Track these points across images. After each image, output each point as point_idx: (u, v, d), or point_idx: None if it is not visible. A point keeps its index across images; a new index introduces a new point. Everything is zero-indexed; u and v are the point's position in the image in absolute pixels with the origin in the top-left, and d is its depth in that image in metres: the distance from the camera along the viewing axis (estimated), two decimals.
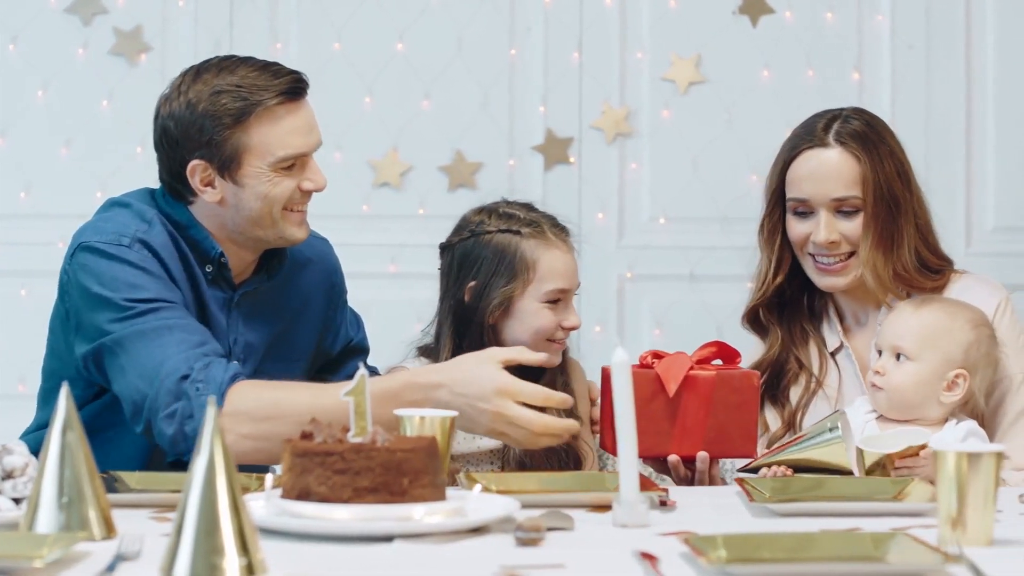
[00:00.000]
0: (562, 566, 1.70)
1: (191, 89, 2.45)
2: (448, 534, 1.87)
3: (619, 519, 1.97)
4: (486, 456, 2.60)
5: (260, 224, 2.47)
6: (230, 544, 1.64)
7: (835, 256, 2.61)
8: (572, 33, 4.01)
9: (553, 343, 2.59)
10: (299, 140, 2.45)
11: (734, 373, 2.46)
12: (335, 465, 1.90)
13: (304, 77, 2.50)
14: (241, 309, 2.56)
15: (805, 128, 2.67)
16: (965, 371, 2.47)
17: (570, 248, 2.61)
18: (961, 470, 1.85)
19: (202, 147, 2.43)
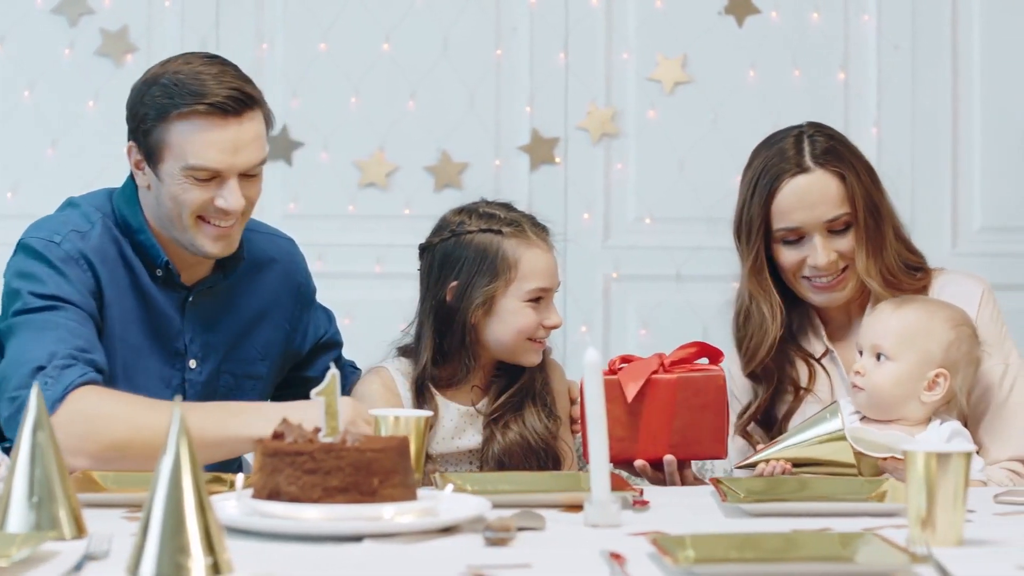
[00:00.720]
0: (529, 566, 1.71)
1: (149, 72, 2.50)
2: (418, 534, 1.87)
3: (590, 519, 1.97)
4: (465, 456, 2.60)
5: (175, 225, 2.47)
6: (196, 543, 1.64)
7: (833, 274, 2.60)
8: (558, 33, 4.01)
9: (534, 342, 2.59)
10: (216, 156, 2.41)
11: (697, 375, 2.46)
12: (305, 465, 1.90)
13: (248, 97, 2.45)
14: (197, 308, 2.56)
15: (777, 155, 2.61)
16: (945, 370, 2.47)
17: (550, 247, 2.61)
18: (930, 470, 1.85)
19: (134, 131, 2.48)
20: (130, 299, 2.50)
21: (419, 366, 2.58)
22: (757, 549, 1.77)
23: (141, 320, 2.51)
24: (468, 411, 2.60)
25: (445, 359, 2.59)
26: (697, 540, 1.77)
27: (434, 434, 2.57)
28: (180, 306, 2.55)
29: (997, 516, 2.09)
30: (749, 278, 2.65)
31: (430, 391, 2.59)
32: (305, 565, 1.73)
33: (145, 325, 2.51)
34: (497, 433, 2.58)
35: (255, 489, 1.94)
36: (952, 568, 1.68)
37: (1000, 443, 2.57)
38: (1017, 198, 4.08)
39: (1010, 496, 2.21)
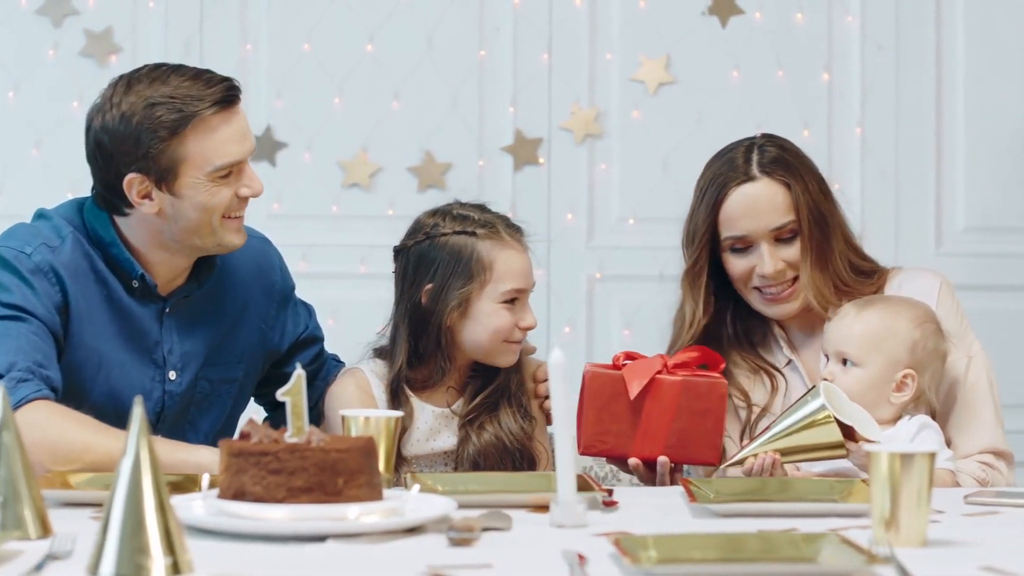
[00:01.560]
0: (490, 566, 1.71)
1: (124, 101, 2.43)
2: (382, 534, 1.87)
3: (556, 519, 1.97)
4: (440, 457, 2.60)
5: (199, 233, 2.47)
6: (156, 544, 1.65)
7: (782, 284, 2.61)
8: (541, 34, 4.02)
9: (510, 343, 2.59)
10: (235, 148, 2.44)
11: (701, 380, 2.46)
12: (270, 465, 1.90)
13: (237, 84, 2.48)
14: (175, 318, 2.55)
15: (726, 164, 2.62)
16: (913, 371, 2.46)
17: (525, 248, 2.61)
18: (894, 471, 1.85)
19: (138, 160, 2.41)
20: (104, 313, 2.49)
21: (394, 368, 2.58)
22: (719, 549, 1.77)
23: (118, 334, 2.50)
24: (443, 412, 2.60)
25: (420, 361, 2.59)
26: (659, 540, 1.77)
27: (409, 435, 2.57)
28: (158, 317, 2.54)
29: (966, 516, 2.09)
30: (683, 281, 2.68)
31: (405, 393, 2.59)
32: (268, 565, 1.73)
33: (123, 339, 2.50)
34: (472, 434, 2.59)
35: (221, 489, 1.94)
36: (913, 569, 1.68)
37: (969, 436, 2.57)
38: (1001, 198, 4.08)
39: (980, 496, 2.21)
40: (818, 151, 3.99)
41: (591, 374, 2.48)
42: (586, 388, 2.47)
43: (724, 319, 2.70)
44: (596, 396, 2.46)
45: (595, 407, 2.46)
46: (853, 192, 4.03)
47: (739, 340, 2.70)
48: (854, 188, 4.03)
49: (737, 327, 2.71)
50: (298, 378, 1.98)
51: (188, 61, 3.93)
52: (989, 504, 2.18)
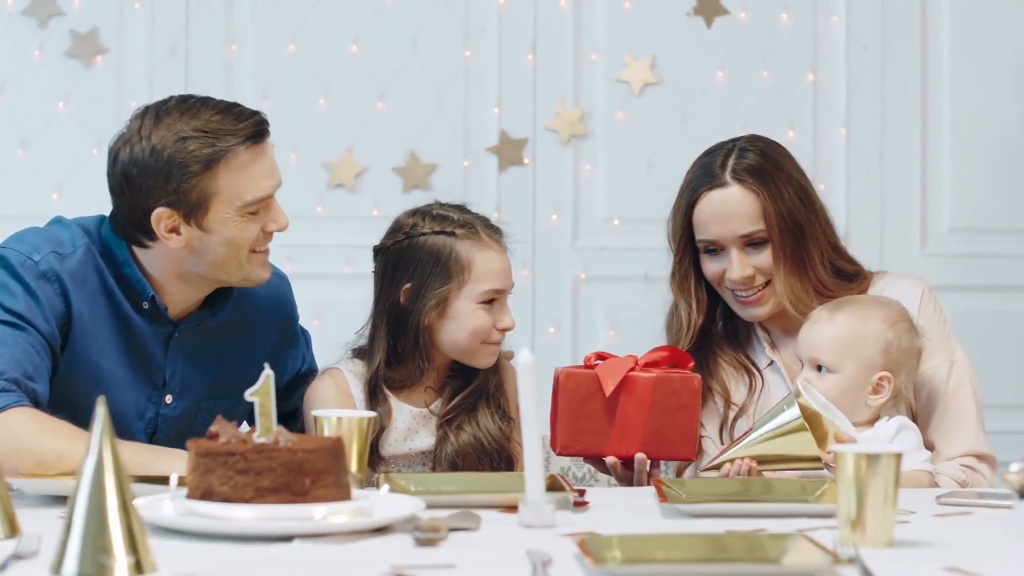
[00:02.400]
0: (453, 566, 1.71)
1: (154, 133, 2.40)
2: (349, 534, 1.87)
3: (524, 519, 1.97)
4: (417, 457, 2.60)
5: (225, 268, 2.45)
6: (118, 543, 1.65)
7: (752, 289, 2.61)
8: (526, 34, 4.02)
9: (489, 344, 2.59)
10: (265, 183, 2.43)
11: (674, 376, 2.47)
12: (237, 465, 1.90)
13: (266, 118, 2.47)
14: (183, 344, 2.54)
15: (702, 168, 2.63)
16: (888, 373, 2.46)
17: (504, 249, 2.61)
18: (860, 471, 1.85)
19: (168, 194, 2.38)
20: (110, 328, 2.47)
21: (372, 367, 2.59)
22: (684, 550, 1.77)
23: (121, 351, 2.48)
24: (421, 412, 2.61)
25: (399, 361, 2.60)
26: (624, 541, 1.77)
27: (387, 435, 2.58)
28: (164, 341, 2.52)
29: (937, 517, 2.08)
30: (671, 283, 2.70)
31: (383, 392, 2.59)
32: (233, 565, 1.73)
33: (125, 356, 2.49)
34: (450, 434, 2.59)
35: (189, 489, 1.94)
36: (877, 569, 1.68)
37: (951, 440, 2.57)
38: (986, 199, 4.08)
39: (952, 497, 2.21)
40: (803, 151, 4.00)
41: (565, 374, 2.48)
42: (560, 389, 2.47)
43: (714, 315, 2.71)
44: (571, 396, 2.46)
45: (570, 407, 2.46)
46: (838, 192, 4.04)
47: (728, 337, 2.71)
48: (839, 188, 4.04)
49: (726, 324, 2.72)
50: (266, 378, 1.98)
51: (173, 62, 3.99)
52: (961, 505, 2.18)
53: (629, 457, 2.46)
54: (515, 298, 3.93)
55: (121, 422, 2.44)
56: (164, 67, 3.98)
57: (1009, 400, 4.05)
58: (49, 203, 3.95)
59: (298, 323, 2.76)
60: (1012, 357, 4.06)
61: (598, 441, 2.46)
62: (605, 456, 2.47)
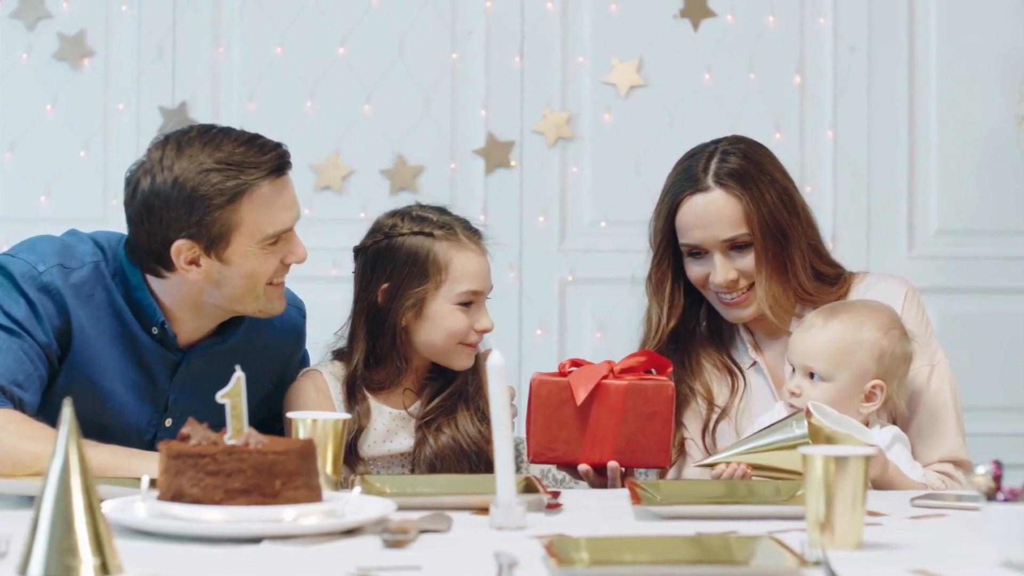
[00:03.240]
0: (419, 567, 1.71)
1: (176, 164, 2.37)
2: (318, 536, 1.87)
3: (495, 521, 1.97)
4: (396, 459, 2.61)
5: (242, 300, 2.44)
6: (84, 545, 1.65)
7: (736, 292, 2.61)
8: (513, 37, 4.02)
9: (466, 346, 2.59)
10: (287, 216, 2.43)
11: (647, 383, 2.46)
12: (207, 467, 1.91)
13: (287, 150, 2.45)
14: (191, 370, 2.52)
15: (684, 171, 2.63)
16: (881, 381, 2.45)
17: (483, 251, 2.62)
18: (829, 473, 1.85)
19: (190, 227, 2.37)
20: (115, 348, 2.46)
21: (350, 367, 2.59)
22: (652, 552, 1.77)
23: (125, 371, 2.48)
24: (400, 414, 2.61)
25: (378, 362, 2.60)
26: (592, 542, 1.77)
27: (365, 436, 2.58)
28: (172, 367, 2.51)
29: (910, 519, 2.08)
30: (647, 285, 2.70)
31: (362, 393, 2.59)
32: (200, 566, 1.73)
33: (129, 377, 2.48)
34: (429, 436, 2.59)
35: (160, 491, 1.95)
36: (843, 571, 1.69)
37: (930, 445, 2.57)
38: (974, 201, 4.08)
39: (927, 500, 2.21)
40: (790, 154, 4.01)
41: (538, 382, 2.48)
42: (533, 396, 2.47)
43: (696, 315, 2.70)
44: (543, 404, 2.46)
45: (543, 415, 2.46)
46: (825, 195, 4.04)
47: (711, 337, 2.71)
48: (826, 191, 4.04)
49: (709, 324, 2.72)
50: (238, 380, 1.99)
51: (161, 64, 3.99)
52: (935, 507, 2.18)
53: (602, 465, 2.46)
54: (502, 301, 3.96)
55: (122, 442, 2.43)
56: (151, 69, 3.99)
57: (996, 403, 4.05)
58: (37, 205, 3.96)
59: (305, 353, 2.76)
60: (999, 359, 4.06)
61: (571, 449, 2.46)
62: (577, 464, 2.47)
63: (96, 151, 3.98)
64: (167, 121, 3.97)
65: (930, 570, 1.70)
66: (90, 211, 3.92)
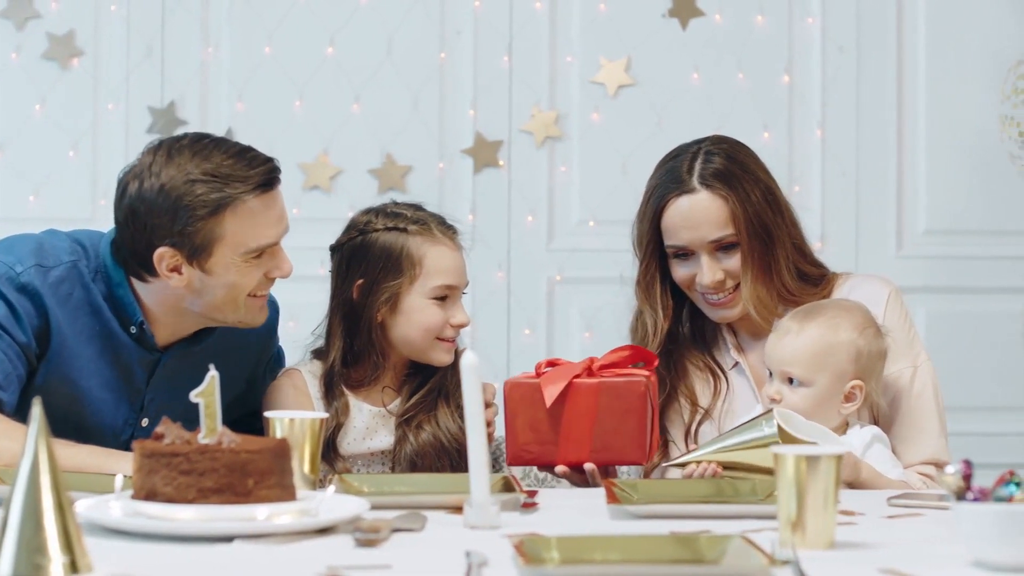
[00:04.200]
0: (389, 566, 1.71)
1: (164, 171, 2.38)
2: (290, 535, 1.87)
3: (469, 520, 1.97)
4: (377, 457, 2.61)
5: (222, 310, 2.45)
6: (53, 543, 1.65)
7: (723, 292, 2.61)
8: (502, 37, 4.02)
9: (443, 341, 2.59)
10: (272, 231, 2.43)
11: (618, 381, 2.45)
12: (180, 466, 1.91)
13: (278, 165, 2.45)
14: (167, 370, 2.53)
15: (668, 173, 2.62)
16: (860, 381, 2.45)
17: (458, 247, 2.62)
18: (800, 473, 1.85)
19: (173, 235, 2.38)
20: (93, 347, 2.47)
21: (327, 364, 2.59)
22: (622, 551, 1.77)
23: (102, 370, 2.49)
24: (380, 412, 2.61)
25: (356, 359, 2.60)
26: (563, 542, 1.77)
27: (345, 434, 2.58)
28: (149, 367, 2.52)
29: (886, 519, 2.08)
30: (636, 289, 2.69)
31: (340, 389, 2.60)
32: (172, 565, 1.73)
33: (107, 376, 2.49)
34: (409, 434, 2.59)
35: (134, 490, 1.95)
36: (813, 571, 1.68)
37: (912, 447, 2.56)
38: (962, 201, 4.08)
39: (903, 499, 2.21)
40: (778, 153, 4.01)
41: (510, 385, 2.48)
42: (507, 399, 2.47)
43: (680, 317, 2.70)
44: (517, 406, 2.46)
45: (517, 417, 2.45)
46: (813, 194, 4.04)
47: (694, 339, 2.71)
48: (815, 190, 4.04)
49: (692, 325, 2.72)
50: (211, 379, 1.99)
51: (150, 64, 3.99)
52: (912, 507, 2.18)
53: (579, 464, 2.46)
54: (490, 300, 3.97)
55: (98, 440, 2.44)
56: (140, 69, 3.99)
57: (984, 402, 4.05)
58: (26, 205, 3.97)
59: (279, 350, 2.76)
60: (987, 359, 4.05)
61: (547, 450, 2.45)
62: (555, 465, 2.47)
63: (85, 151, 3.98)
64: (156, 121, 3.98)
65: (900, 569, 1.70)
66: (79, 211, 3.92)
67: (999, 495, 1.74)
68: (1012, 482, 1.75)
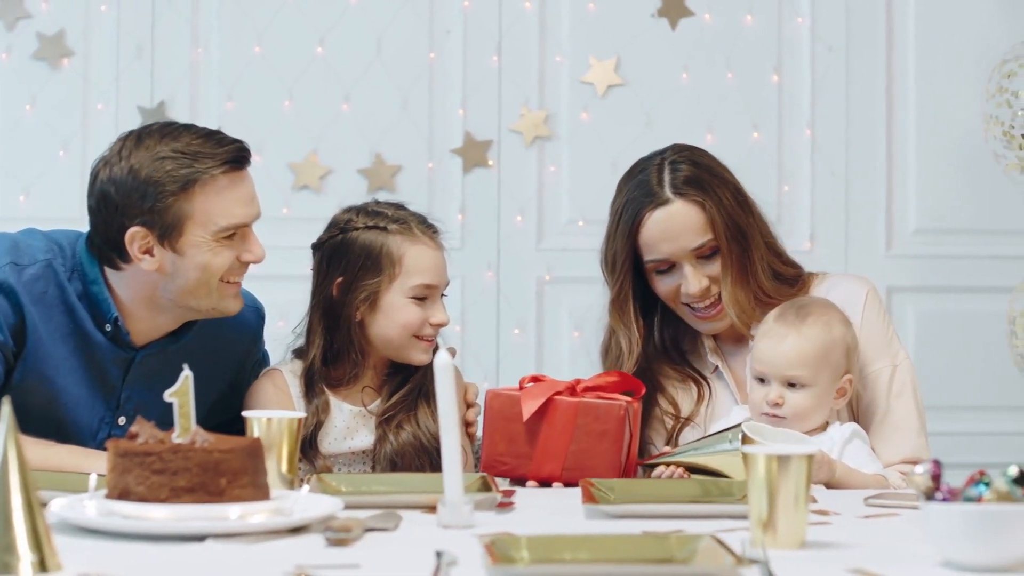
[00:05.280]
0: (358, 566, 1.71)
1: (133, 155, 2.40)
2: (262, 534, 1.88)
3: (443, 520, 1.97)
4: (358, 456, 2.61)
5: (195, 295, 2.45)
6: (23, 542, 1.66)
7: (708, 299, 2.60)
8: (491, 36, 4.03)
9: (421, 340, 2.59)
10: (242, 210, 2.44)
11: (599, 402, 2.45)
12: (153, 465, 1.91)
13: (247, 146, 2.47)
14: (142, 369, 2.54)
15: (638, 188, 2.61)
16: (850, 375, 2.48)
17: (438, 246, 2.62)
18: (771, 472, 1.85)
19: (143, 214, 2.39)
20: (67, 345, 2.48)
21: (307, 362, 2.60)
22: (592, 551, 1.77)
23: (78, 369, 2.49)
24: (360, 411, 2.62)
25: (335, 357, 2.61)
26: (533, 541, 1.77)
27: (326, 433, 2.59)
28: (124, 365, 2.53)
29: (862, 519, 2.08)
30: (611, 311, 2.67)
31: (320, 387, 2.60)
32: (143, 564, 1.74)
33: (82, 374, 2.50)
34: (389, 433, 2.59)
35: (108, 489, 1.95)
36: (781, 571, 1.68)
37: (891, 445, 2.57)
38: (952, 200, 4.08)
39: (880, 499, 2.21)
40: (768, 153, 4.01)
41: (491, 395, 2.48)
42: (487, 409, 2.47)
43: (651, 330, 2.69)
44: (496, 417, 2.46)
45: (495, 427, 2.46)
46: (803, 194, 4.04)
47: (667, 350, 2.70)
48: (804, 190, 4.04)
49: (665, 336, 2.71)
50: (185, 379, 1.99)
51: (140, 64, 4.00)
52: (888, 506, 2.18)
53: (550, 481, 2.46)
54: (479, 300, 3.97)
55: (74, 439, 2.45)
56: (131, 69, 4.00)
57: (973, 402, 4.04)
58: (17, 205, 3.97)
59: (263, 354, 2.76)
60: (977, 359, 4.05)
61: (520, 463, 2.46)
62: (527, 479, 2.46)
63: (75, 151, 3.99)
64: (146, 121, 3.97)
65: (869, 569, 1.70)
66: (69, 211, 3.92)
67: (968, 495, 1.74)
68: (982, 482, 1.75)
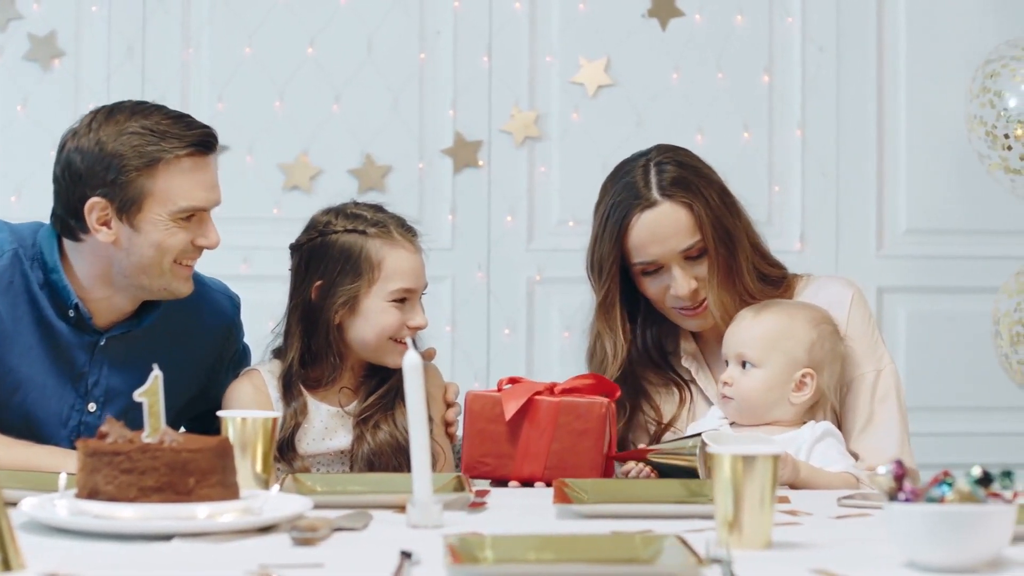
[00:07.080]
0: (321, 565, 1.72)
1: (103, 128, 2.44)
2: (229, 533, 1.88)
3: (412, 520, 1.98)
4: (336, 456, 2.61)
5: (148, 272, 2.47)
6: None
7: (697, 300, 2.60)
8: (481, 37, 4.03)
9: (399, 343, 2.59)
10: (202, 194, 2.46)
11: (580, 401, 2.45)
12: (122, 465, 1.92)
13: (215, 132, 2.51)
14: (109, 353, 2.55)
15: (624, 190, 2.59)
16: (811, 370, 2.48)
17: (417, 249, 2.63)
18: (736, 472, 1.85)
19: (105, 185, 2.42)
20: (32, 334, 2.50)
21: (286, 364, 2.60)
22: (557, 550, 1.77)
23: (44, 357, 2.51)
24: (338, 412, 2.62)
25: (313, 359, 2.61)
26: (498, 541, 1.77)
27: (304, 434, 2.59)
28: (89, 349, 2.54)
29: (833, 519, 2.08)
30: (597, 314, 2.66)
31: (298, 389, 2.60)
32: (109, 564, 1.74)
33: (48, 363, 2.51)
34: (367, 434, 2.60)
35: (77, 488, 1.96)
36: (744, 571, 1.68)
37: (875, 451, 2.55)
38: (942, 200, 4.08)
39: (853, 499, 2.21)
40: (758, 153, 4.01)
41: (471, 396, 2.49)
42: (467, 411, 2.48)
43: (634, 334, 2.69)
44: (476, 418, 2.46)
45: (475, 429, 2.46)
46: (794, 194, 4.04)
47: (650, 354, 2.70)
48: (795, 190, 4.04)
49: (648, 339, 2.70)
50: (155, 379, 2.00)
51: (131, 64, 4.01)
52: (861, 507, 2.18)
53: (532, 481, 2.46)
54: (470, 300, 3.97)
55: (45, 428, 2.46)
56: (122, 69, 4.01)
57: (964, 402, 4.04)
58: (8, 205, 3.98)
59: (243, 347, 2.77)
60: (967, 359, 4.04)
61: (502, 464, 2.46)
62: (509, 480, 2.47)
63: None
64: None
65: (831, 570, 1.70)
66: None
67: (931, 496, 1.74)
68: (945, 482, 1.75)
